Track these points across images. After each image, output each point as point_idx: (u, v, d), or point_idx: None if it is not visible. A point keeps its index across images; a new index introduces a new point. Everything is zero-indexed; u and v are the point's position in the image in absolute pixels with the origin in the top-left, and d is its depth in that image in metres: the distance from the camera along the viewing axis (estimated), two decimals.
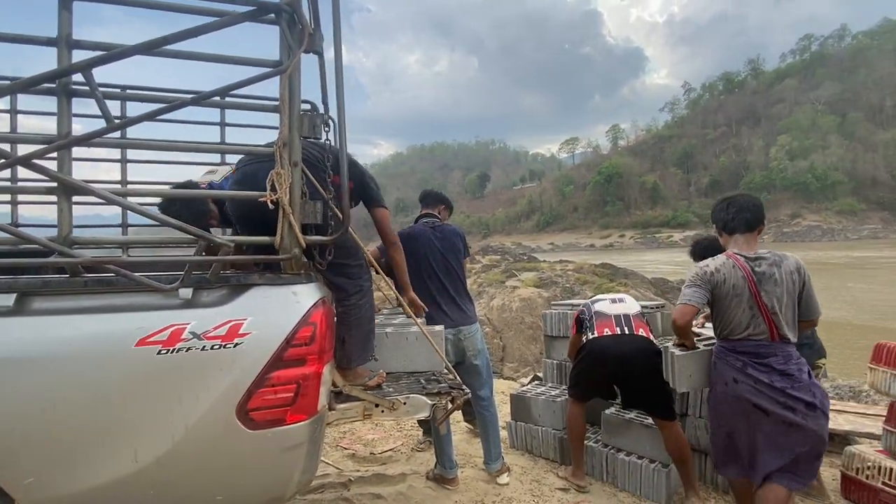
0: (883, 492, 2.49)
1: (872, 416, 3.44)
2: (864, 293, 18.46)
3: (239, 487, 1.38)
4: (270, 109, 1.38)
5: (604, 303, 2.91)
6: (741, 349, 2.03)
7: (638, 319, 2.75)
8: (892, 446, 2.58)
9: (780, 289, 2.00)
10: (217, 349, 1.31)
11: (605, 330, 2.70)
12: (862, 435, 3.20)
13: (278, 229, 1.35)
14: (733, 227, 2.13)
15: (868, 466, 2.58)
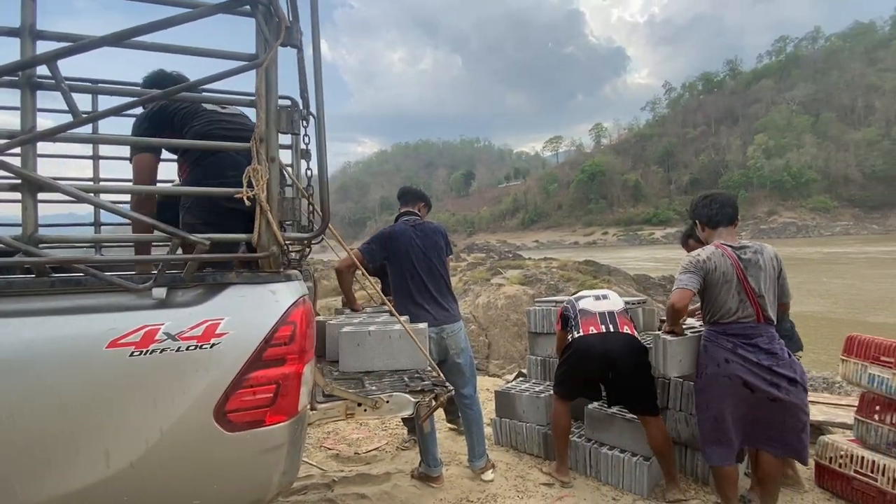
0: (855, 479, 2.57)
1: (845, 406, 3.54)
2: (837, 287, 19.05)
3: (217, 491, 1.35)
4: (246, 104, 1.35)
5: (588, 300, 2.91)
6: (731, 332, 2.17)
7: (622, 316, 2.77)
8: (863, 435, 2.67)
9: (764, 274, 2.17)
10: (193, 350, 1.27)
11: (591, 328, 2.70)
12: (835, 425, 3.29)
13: (255, 226, 1.32)
14: (717, 221, 2.29)
15: (841, 455, 2.66)
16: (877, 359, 2.59)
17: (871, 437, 2.62)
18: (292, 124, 1.38)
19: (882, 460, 2.48)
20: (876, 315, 13.76)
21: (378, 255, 2.72)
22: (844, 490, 2.62)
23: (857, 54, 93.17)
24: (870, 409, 2.65)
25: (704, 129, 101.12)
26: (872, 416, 2.63)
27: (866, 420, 2.65)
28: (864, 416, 2.67)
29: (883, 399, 2.58)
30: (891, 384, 2.50)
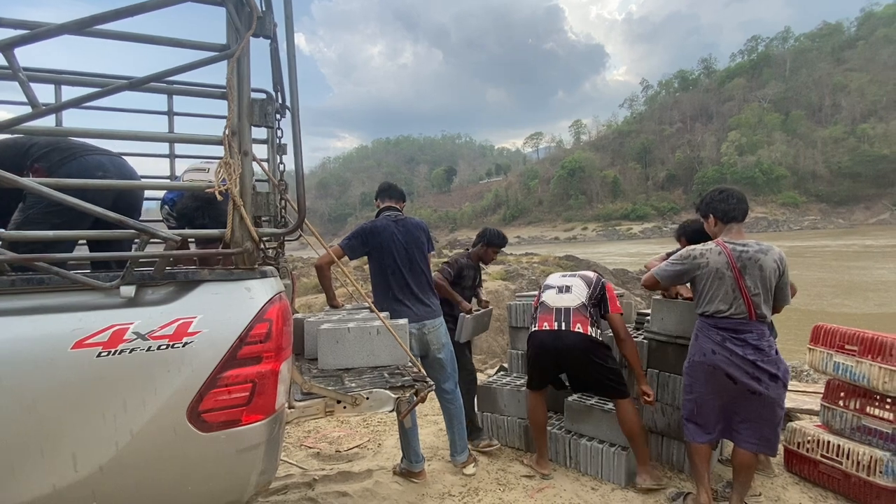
0: (821, 463, 2.67)
1: (812, 393, 3.69)
2: (806, 279, 19.77)
3: (192, 492, 1.32)
4: (217, 96, 1.31)
5: (551, 293, 2.91)
6: (721, 326, 2.23)
7: (578, 313, 2.73)
8: (829, 421, 2.78)
9: (764, 274, 2.20)
10: (164, 349, 1.24)
11: (544, 324, 2.77)
12: (803, 411, 3.42)
13: (228, 222, 1.29)
14: (733, 216, 2.32)
15: (808, 440, 2.76)
16: (841, 347, 2.70)
17: (836, 422, 2.73)
18: (266, 117, 1.35)
19: (846, 444, 2.59)
20: (841, 305, 14.34)
21: (359, 250, 2.70)
22: (812, 474, 2.73)
23: (824, 54, 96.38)
24: (835, 395, 2.76)
25: (680, 126, 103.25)
26: (837, 403, 2.74)
27: (831, 406, 2.76)
28: (829, 403, 2.78)
29: (847, 386, 2.69)
30: (854, 371, 2.61)
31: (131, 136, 1.27)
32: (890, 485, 2.40)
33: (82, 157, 1.81)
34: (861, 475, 2.49)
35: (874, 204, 71.84)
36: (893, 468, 2.40)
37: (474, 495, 2.64)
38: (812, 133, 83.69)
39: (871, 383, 2.52)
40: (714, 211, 2.38)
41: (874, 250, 29.85)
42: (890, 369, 2.45)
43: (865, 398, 2.62)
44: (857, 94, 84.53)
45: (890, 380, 2.45)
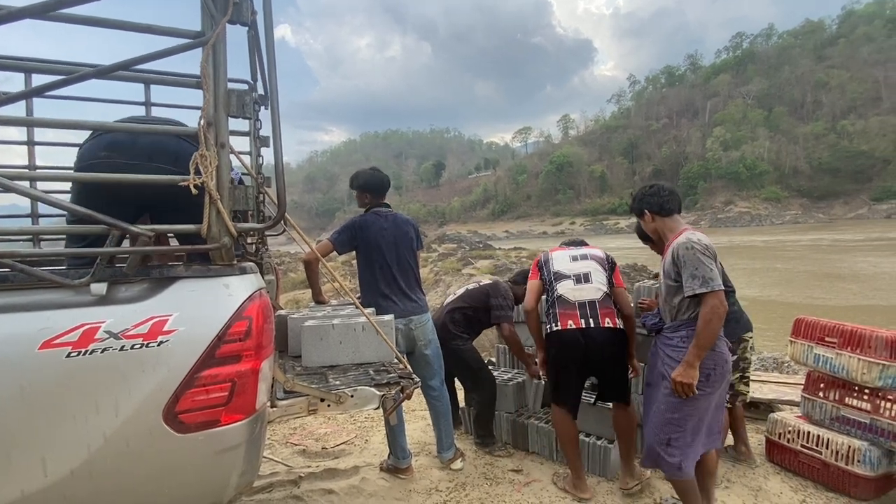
0: (801, 453, 2.73)
1: (793, 385, 3.76)
2: (788, 272, 20.18)
3: (169, 495, 1.28)
4: (192, 85, 1.26)
5: (567, 283, 2.59)
6: (684, 328, 2.12)
7: (604, 306, 2.53)
8: (809, 412, 2.83)
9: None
10: (138, 349, 1.20)
11: (569, 322, 2.49)
12: (784, 402, 3.49)
13: (204, 216, 1.24)
14: (670, 208, 2.25)
15: (788, 431, 2.81)
16: (822, 340, 2.75)
17: (816, 412, 2.78)
18: (244, 108, 1.30)
19: (826, 434, 2.64)
20: (823, 298, 14.67)
21: (348, 245, 2.66)
22: (792, 463, 2.78)
23: (807, 51, 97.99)
24: (815, 386, 2.81)
25: (667, 121, 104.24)
26: (817, 394, 2.79)
27: (812, 397, 2.82)
28: (809, 394, 2.84)
29: (827, 377, 2.74)
30: (834, 363, 2.66)
31: (102, 127, 1.21)
32: (867, 473, 2.46)
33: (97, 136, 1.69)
34: (840, 464, 2.54)
35: (853, 199, 73.57)
36: (871, 457, 2.46)
37: (461, 490, 2.63)
38: (794, 129, 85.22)
39: (850, 375, 2.58)
40: (649, 206, 2.28)
41: (852, 244, 30.62)
42: (868, 361, 2.50)
43: (844, 389, 2.67)
44: (838, 90, 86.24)
45: (868, 371, 2.50)
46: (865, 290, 15.86)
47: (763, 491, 2.59)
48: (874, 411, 2.53)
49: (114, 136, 1.67)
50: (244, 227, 1.33)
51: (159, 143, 1.66)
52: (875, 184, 72.42)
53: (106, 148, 1.66)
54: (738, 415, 2.93)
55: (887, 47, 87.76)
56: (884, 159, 72.95)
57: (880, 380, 2.48)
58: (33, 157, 2.24)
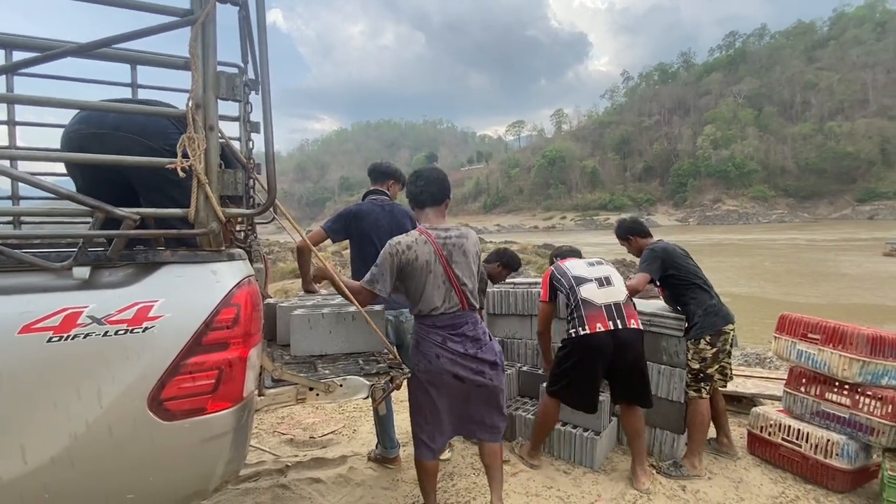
0: (782, 446, 2.79)
1: (775, 379, 3.83)
2: (775, 270, 20.54)
3: (153, 483, 1.26)
4: (180, 66, 1.22)
5: (590, 286, 2.63)
6: (440, 324, 1.99)
7: (628, 307, 2.59)
8: (790, 406, 2.89)
9: (468, 259, 2.03)
10: (122, 335, 1.17)
11: (598, 325, 2.50)
12: (766, 397, 3.56)
13: (192, 201, 1.21)
14: (421, 201, 2.08)
15: (770, 424, 2.87)
16: (805, 336, 2.80)
17: (797, 407, 2.84)
18: (234, 91, 1.27)
19: (806, 428, 2.70)
20: (807, 296, 14.97)
21: (341, 233, 2.62)
22: (773, 456, 2.84)
23: (797, 52, 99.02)
24: (797, 381, 2.86)
25: (659, 118, 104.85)
26: (799, 389, 2.85)
27: (793, 392, 2.87)
28: (791, 389, 2.89)
29: (809, 372, 2.80)
30: (816, 359, 2.71)
31: (85, 106, 1.18)
32: (845, 466, 2.52)
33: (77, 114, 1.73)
34: (818, 457, 2.60)
35: (837, 199, 74.93)
36: (849, 451, 2.52)
37: (449, 480, 2.65)
38: (783, 129, 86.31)
39: (832, 370, 2.63)
40: (408, 196, 2.17)
41: (836, 244, 31.23)
42: (849, 357, 2.55)
43: (825, 385, 2.73)
44: (827, 92, 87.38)
45: (848, 367, 2.56)
46: (849, 288, 16.20)
47: (744, 482, 2.64)
48: (853, 406, 2.59)
49: (89, 111, 1.68)
50: (233, 212, 1.30)
51: (128, 115, 1.67)
52: (859, 185, 73.81)
53: (78, 122, 1.69)
54: (721, 408, 2.99)
55: (876, 50, 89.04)
56: (869, 161, 74.31)
57: (860, 376, 2.53)
58: (14, 137, 2.18)
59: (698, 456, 2.73)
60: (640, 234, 3.04)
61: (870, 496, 2.53)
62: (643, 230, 3.07)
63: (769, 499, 2.49)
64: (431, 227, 2.02)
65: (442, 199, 2.08)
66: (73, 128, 1.71)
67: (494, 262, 3.28)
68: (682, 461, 2.72)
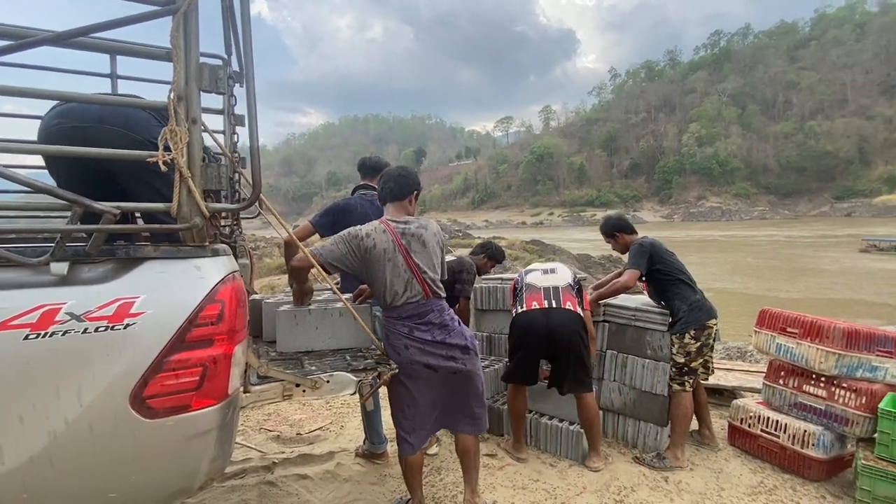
0: (761, 437, 2.86)
1: (756, 373, 3.92)
2: (756, 266, 20.98)
3: (136, 482, 1.25)
4: (161, 57, 1.19)
5: (535, 274, 2.93)
6: (405, 315, 1.99)
7: (567, 292, 2.77)
8: (769, 398, 2.96)
9: (428, 249, 2.05)
10: (103, 332, 1.15)
11: (534, 303, 2.73)
12: (746, 390, 3.64)
13: (175, 195, 1.19)
14: (383, 197, 2.14)
15: (750, 416, 2.94)
16: (784, 330, 2.86)
17: (775, 399, 2.92)
18: (217, 83, 1.24)
19: (784, 420, 2.77)
20: (790, 291, 15.33)
21: (329, 228, 2.59)
22: (752, 447, 2.91)
23: (780, 52, 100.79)
24: (776, 374, 2.94)
25: (645, 115, 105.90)
26: (778, 381, 2.92)
27: (772, 384, 2.94)
28: (770, 381, 2.96)
29: (787, 365, 2.87)
30: (794, 352, 2.78)
31: (66, 97, 1.14)
32: (821, 456, 2.60)
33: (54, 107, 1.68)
34: (796, 448, 2.68)
35: (817, 197, 76.72)
36: (824, 441, 2.60)
37: (437, 475, 2.66)
38: (765, 128, 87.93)
39: (809, 363, 2.70)
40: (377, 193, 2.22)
41: (814, 241, 32.00)
42: (826, 350, 2.62)
43: (803, 377, 2.80)
44: (808, 91, 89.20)
45: (825, 360, 2.63)
46: (828, 283, 16.63)
47: (724, 473, 2.71)
48: (829, 398, 2.66)
49: (69, 104, 1.66)
50: (217, 207, 1.28)
51: (111, 107, 1.64)
52: (838, 183, 75.67)
53: (58, 115, 1.65)
54: (703, 401, 3.05)
55: (855, 51, 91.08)
56: (847, 160, 76.19)
57: (836, 368, 2.60)
58: None
59: (681, 447, 2.78)
60: (625, 230, 3.08)
61: (844, 485, 2.61)
62: (628, 227, 3.12)
63: (748, 488, 2.55)
64: (391, 219, 2.05)
65: (403, 195, 2.11)
66: (52, 122, 1.66)
67: (480, 253, 3.35)
68: (665, 453, 2.78)
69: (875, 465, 2.30)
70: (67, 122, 1.64)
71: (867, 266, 20.43)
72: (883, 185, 71.22)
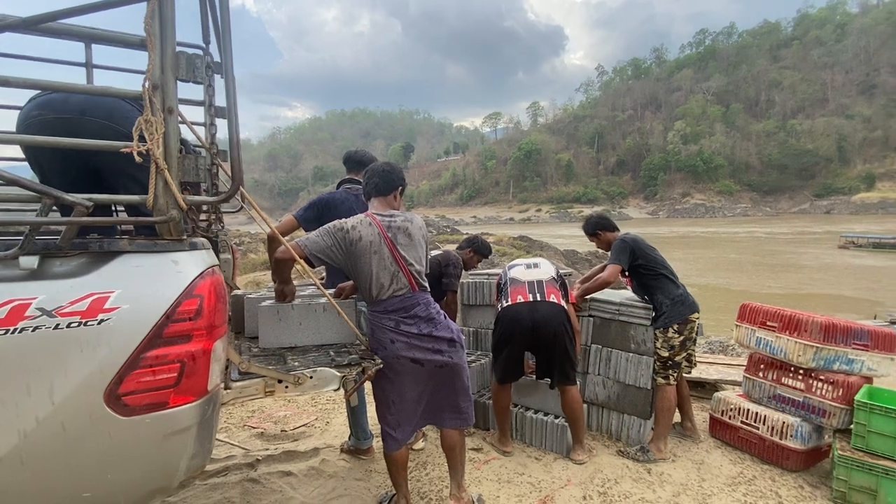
0: (741, 429, 2.91)
1: (737, 366, 4.00)
2: (739, 262, 21.37)
3: (112, 480, 1.22)
4: (136, 44, 1.16)
5: (519, 269, 2.97)
6: (391, 308, 1.97)
7: (551, 285, 2.82)
8: (749, 391, 3.02)
9: (413, 242, 2.04)
10: (76, 327, 1.12)
11: (518, 297, 2.75)
12: (728, 382, 3.71)
13: (150, 187, 1.16)
14: (368, 192, 2.13)
15: (730, 408, 3.00)
16: (763, 324, 2.92)
17: (755, 391, 2.97)
18: (195, 72, 1.21)
19: (763, 411, 2.83)
20: (769, 286, 15.65)
21: (314, 222, 2.55)
22: (732, 438, 2.97)
23: (763, 51, 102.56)
24: (756, 367, 2.99)
25: (631, 113, 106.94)
26: (757, 374, 2.98)
27: (752, 377, 3.00)
28: (750, 374, 3.02)
29: (767, 358, 2.93)
30: (774, 345, 2.84)
31: (35, 85, 1.10)
32: (799, 447, 2.66)
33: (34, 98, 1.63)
34: (774, 439, 2.74)
35: (797, 194, 78.45)
36: (802, 432, 2.66)
37: (423, 469, 2.66)
38: (748, 126, 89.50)
39: (788, 356, 2.76)
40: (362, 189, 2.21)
41: (793, 237, 32.72)
42: (804, 344, 2.68)
43: (782, 370, 2.86)
44: (790, 90, 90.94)
45: (803, 353, 2.69)
46: (808, 279, 17.02)
47: (705, 464, 2.76)
48: (807, 390, 2.72)
49: (49, 95, 1.62)
50: (195, 199, 1.25)
51: (93, 99, 1.60)
52: (818, 181, 77.45)
53: (38, 107, 1.60)
54: (685, 394, 3.10)
55: (835, 51, 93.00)
56: (826, 158, 77.96)
57: (814, 361, 2.66)
58: None
59: (664, 440, 2.83)
60: (607, 228, 3.12)
61: (821, 474, 2.68)
62: (610, 225, 3.15)
63: (728, 479, 2.60)
64: (376, 212, 2.04)
65: (387, 190, 2.09)
66: (32, 113, 1.62)
67: (466, 248, 3.35)
68: (648, 445, 2.82)
69: (851, 456, 2.36)
70: (48, 114, 1.60)
71: (846, 262, 20.98)
72: (861, 182, 73.17)
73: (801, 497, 2.45)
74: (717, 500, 2.40)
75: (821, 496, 2.46)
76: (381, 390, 2.04)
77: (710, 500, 2.39)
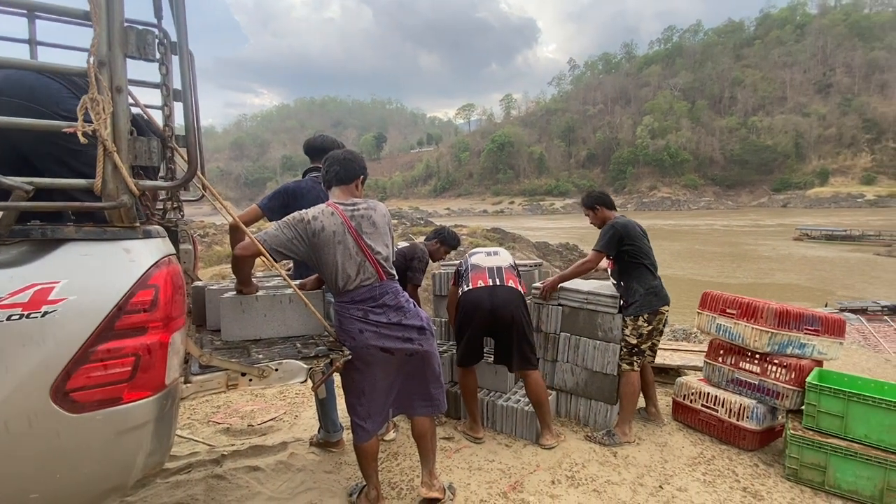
0: (701, 412, 3.04)
1: (698, 352, 4.16)
2: (702, 253, 22.20)
3: (62, 480, 1.15)
4: (79, 17, 1.08)
5: (480, 255, 3.04)
6: (358, 298, 1.93)
7: (509, 271, 2.91)
8: (709, 375, 3.15)
9: (378, 230, 2.00)
10: (17, 320, 1.05)
11: (479, 282, 2.83)
12: (690, 368, 3.86)
13: (98, 170, 1.09)
14: (328, 181, 2.07)
15: (691, 392, 3.12)
16: (723, 311, 3.04)
17: (715, 375, 3.10)
18: (145, 48, 1.14)
19: (722, 395, 2.96)
20: (733, 277, 16.34)
21: (279, 212, 2.45)
22: (694, 421, 3.10)
23: (727, 49, 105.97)
24: (716, 353, 3.12)
25: (602, 107, 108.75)
26: (717, 359, 3.10)
27: (712, 362, 3.13)
28: (710, 360, 3.15)
29: (726, 344, 3.05)
30: (732, 332, 2.96)
31: None
32: (754, 427, 2.79)
33: None
34: (732, 420, 2.87)
35: (757, 189, 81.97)
36: (758, 414, 2.80)
37: (394, 460, 2.66)
38: (712, 122, 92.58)
39: (745, 342, 2.89)
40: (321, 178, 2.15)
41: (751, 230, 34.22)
42: (759, 329, 2.81)
43: (739, 355, 2.99)
44: (751, 88, 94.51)
45: (759, 338, 2.82)
46: (767, 269, 17.87)
47: (668, 446, 2.86)
48: (763, 374, 2.86)
49: None
50: (147, 184, 1.19)
51: (13, 75, 1.43)
52: (776, 176, 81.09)
53: None
54: (650, 380, 3.20)
55: (794, 51, 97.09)
56: (784, 154, 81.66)
57: (769, 346, 2.80)
58: None
59: (629, 424, 2.92)
60: (606, 205, 3.14)
61: (775, 453, 2.83)
62: (610, 203, 3.17)
63: (689, 459, 2.72)
64: (338, 202, 1.98)
65: (349, 178, 2.03)
66: None
67: (433, 239, 3.35)
68: (614, 430, 2.90)
69: (802, 435, 2.50)
70: None
71: (802, 253, 22.12)
72: (816, 178, 77.07)
73: (756, 475, 2.58)
74: (679, 479, 2.50)
75: (774, 473, 2.60)
76: (351, 381, 2.01)
77: (672, 480, 2.49)
